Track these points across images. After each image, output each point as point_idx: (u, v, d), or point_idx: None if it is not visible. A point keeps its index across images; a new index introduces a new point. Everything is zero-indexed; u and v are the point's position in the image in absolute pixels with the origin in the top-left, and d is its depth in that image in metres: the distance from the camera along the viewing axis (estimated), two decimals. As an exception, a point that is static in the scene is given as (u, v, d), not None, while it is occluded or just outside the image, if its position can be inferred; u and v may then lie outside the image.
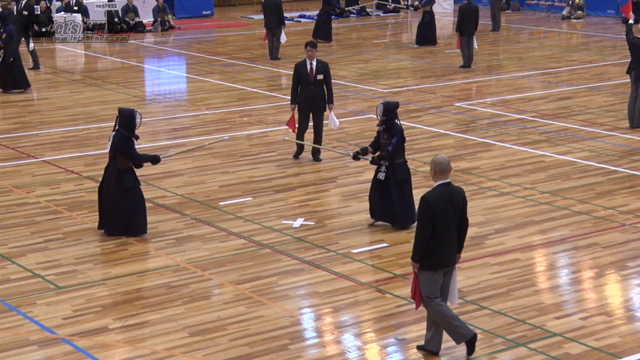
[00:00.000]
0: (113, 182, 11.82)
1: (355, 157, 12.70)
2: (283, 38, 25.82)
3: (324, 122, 15.60)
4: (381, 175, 12.20)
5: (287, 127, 15.92)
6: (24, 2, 27.76)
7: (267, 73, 24.23)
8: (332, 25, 30.29)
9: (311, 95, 15.31)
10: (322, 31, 29.52)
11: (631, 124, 17.56)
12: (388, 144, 12.05)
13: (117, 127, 11.95)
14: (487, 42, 29.87)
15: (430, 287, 8.59)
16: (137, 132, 12.02)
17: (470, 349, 8.72)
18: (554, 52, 27.63)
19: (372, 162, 12.43)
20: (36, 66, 24.83)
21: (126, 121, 11.91)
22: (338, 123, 15.70)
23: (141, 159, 12.04)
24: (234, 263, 11.22)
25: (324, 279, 10.71)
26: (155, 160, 12.31)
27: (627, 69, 17.93)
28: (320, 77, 15.33)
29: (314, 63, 15.34)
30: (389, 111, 12.17)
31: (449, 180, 8.58)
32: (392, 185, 12.13)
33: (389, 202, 12.20)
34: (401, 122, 12.46)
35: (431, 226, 8.42)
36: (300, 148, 15.69)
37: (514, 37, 30.87)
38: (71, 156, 16.06)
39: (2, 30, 21.20)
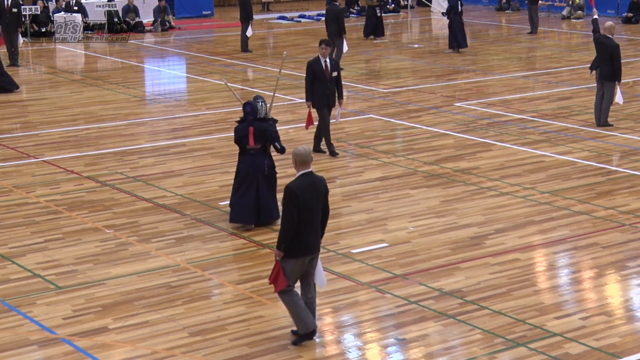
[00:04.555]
0: (271, 172, 12.34)
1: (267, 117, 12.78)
2: (249, 32, 27.39)
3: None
4: None
5: (304, 125, 16.11)
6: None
7: (268, 73, 24.22)
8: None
9: (327, 92, 15.47)
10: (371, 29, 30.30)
11: (598, 123, 17.63)
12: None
13: (255, 118, 12.47)
14: (487, 42, 29.89)
15: (292, 274, 8.84)
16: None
17: (304, 340, 8.98)
18: (554, 52, 27.63)
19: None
20: (14, 63, 25.05)
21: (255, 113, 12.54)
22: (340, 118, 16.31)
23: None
24: (234, 263, 11.22)
25: (324, 279, 10.70)
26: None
27: (590, 65, 18.18)
28: (335, 74, 15.48)
29: (328, 61, 15.43)
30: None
31: (310, 170, 8.87)
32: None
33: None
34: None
35: (297, 214, 8.66)
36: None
37: (514, 37, 30.86)
38: (71, 156, 16.05)
39: None
